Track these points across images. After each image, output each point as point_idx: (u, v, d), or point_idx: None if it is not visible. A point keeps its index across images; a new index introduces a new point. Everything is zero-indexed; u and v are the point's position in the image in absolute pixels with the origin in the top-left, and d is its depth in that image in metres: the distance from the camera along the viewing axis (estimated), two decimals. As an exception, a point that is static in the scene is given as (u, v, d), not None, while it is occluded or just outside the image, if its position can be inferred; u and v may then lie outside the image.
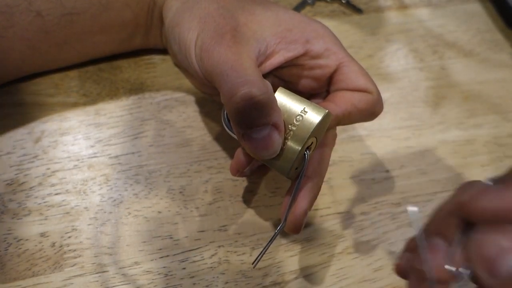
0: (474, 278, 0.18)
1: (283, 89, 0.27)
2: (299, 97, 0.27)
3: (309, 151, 0.26)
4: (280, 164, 0.26)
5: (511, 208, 0.18)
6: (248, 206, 0.33)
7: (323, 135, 0.28)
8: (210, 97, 0.35)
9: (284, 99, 0.26)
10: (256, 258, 0.27)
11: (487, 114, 0.40)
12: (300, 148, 0.25)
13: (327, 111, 0.26)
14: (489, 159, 0.37)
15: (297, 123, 0.26)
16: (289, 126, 0.26)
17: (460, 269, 0.18)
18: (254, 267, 0.28)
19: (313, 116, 0.26)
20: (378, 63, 0.41)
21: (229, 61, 0.25)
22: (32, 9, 0.30)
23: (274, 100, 0.25)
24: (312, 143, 0.27)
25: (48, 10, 0.30)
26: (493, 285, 0.17)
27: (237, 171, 0.28)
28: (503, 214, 0.18)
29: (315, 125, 0.25)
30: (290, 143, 0.26)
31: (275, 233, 0.27)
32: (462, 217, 0.19)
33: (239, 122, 0.25)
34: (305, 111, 0.26)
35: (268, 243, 0.27)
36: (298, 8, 0.43)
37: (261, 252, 0.27)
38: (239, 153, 0.28)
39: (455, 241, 0.19)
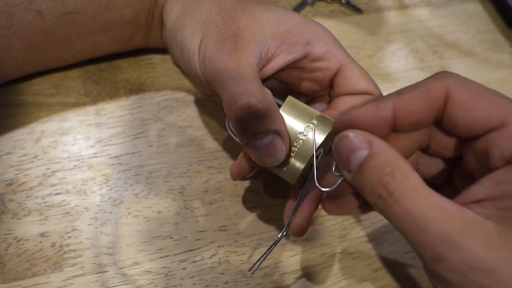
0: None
1: (293, 98, 0.27)
2: (308, 107, 0.27)
3: (316, 160, 0.26)
4: (288, 172, 0.26)
5: (351, 120, 0.22)
6: (248, 206, 0.33)
7: (331, 144, 0.28)
8: (209, 97, 0.36)
9: (293, 108, 0.27)
10: (254, 264, 0.27)
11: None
12: (308, 159, 0.26)
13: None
14: (489, 159, 0.37)
15: (306, 133, 0.26)
16: (298, 135, 0.26)
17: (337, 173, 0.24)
18: (252, 274, 0.28)
19: (322, 127, 0.26)
20: (378, 63, 0.41)
21: (229, 70, 0.26)
22: (33, 8, 0.30)
23: (274, 107, 0.26)
24: (320, 153, 0.27)
25: (49, 9, 0.30)
26: (350, 178, 0.22)
27: (238, 175, 0.28)
28: (347, 126, 0.23)
29: (324, 136, 0.26)
30: (298, 153, 0.26)
31: (277, 239, 0.27)
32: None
33: (241, 131, 0.25)
34: (314, 122, 0.26)
35: (269, 249, 0.27)
36: (298, 8, 0.43)
37: (260, 258, 0.27)
38: (241, 159, 0.28)
39: None
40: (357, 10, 0.44)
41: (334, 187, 0.24)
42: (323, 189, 0.24)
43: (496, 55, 0.43)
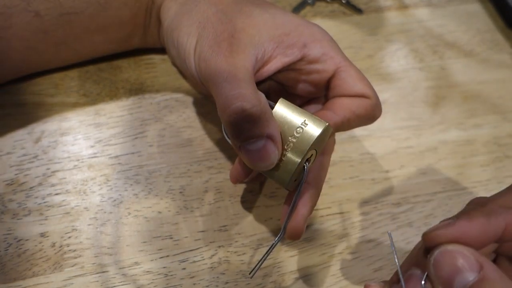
0: None
1: (284, 101, 0.27)
2: (300, 109, 0.27)
3: (308, 163, 0.26)
4: (279, 175, 0.26)
5: (457, 235, 0.21)
6: (248, 206, 0.33)
7: (323, 146, 0.28)
8: (207, 97, 0.36)
9: (284, 111, 0.26)
10: (254, 268, 0.27)
11: (487, 114, 0.40)
12: (299, 161, 0.25)
13: (327, 124, 0.26)
14: (489, 159, 0.37)
15: (297, 135, 0.26)
16: (289, 138, 0.26)
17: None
18: (251, 277, 0.28)
19: (313, 128, 0.26)
20: (378, 63, 0.41)
21: (224, 72, 0.26)
22: (31, 9, 0.30)
23: (267, 112, 0.25)
24: (311, 155, 0.27)
25: (47, 10, 0.30)
26: None
27: (237, 180, 0.28)
28: (452, 240, 0.21)
29: (315, 138, 0.25)
30: (289, 155, 0.26)
31: (274, 243, 0.27)
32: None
33: (234, 134, 0.25)
34: (305, 123, 0.26)
35: (266, 253, 0.27)
36: (298, 9, 0.43)
37: (259, 261, 0.27)
38: (237, 163, 0.28)
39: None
40: (357, 10, 0.44)
41: None
42: None
43: (496, 55, 0.43)
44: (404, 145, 0.37)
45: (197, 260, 0.31)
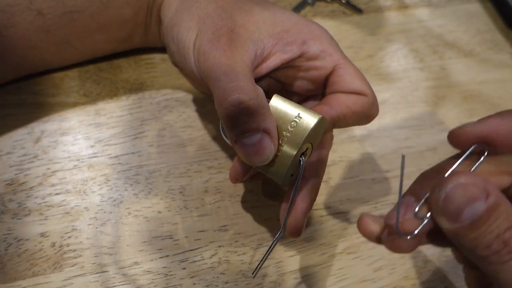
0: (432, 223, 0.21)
1: (279, 96, 0.27)
2: (294, 103, 0.27)
3: (304, 157, 0.26)
4: (275, 170, 0.26)
5: (487, 132, 0.20)
6: (248, 206, 0.33)
7: (319, 140, 0.28)
8: (207, 96, 0.36)
9: (279, 106, 0.26)
10: (256, 267, 0.27)
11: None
12: (294, 154, 0.25)
13: (321, 116, 0.26)
14: (489, 159, 0.37)
15: (291, 129, 0.26)
16: (284, 133, 0.26)
17: (422, 217, 0.21)
18: (254, 277, 0.28)
19: (307, 121, 0.25)
20: (378, 63, 0.41)
21: (222, 66, 0.26)
22: (33, 8, 0.30)
23: (265, 106, 0.25)
24: (307, 148, 0.26)
25: (49, 9, 0.30)
26: (454, 229, 0.19)
27: (236, 179, 0.28)
28: (480, 136, 0.20)
29: (309, 130, 0.25)
30: (284, 149, 0.26)
31: (274, 241, 0.26)
32: (437, 177, 0.22)
33: (230, 127, 0.25)
34: (299, 117, 0.26)
35: (267, 252, 0.27)
36: (298, 8, 0.43)
37: (261, 261, 0.27)
38: (236, 162, 0.28)
39: (423, 197, 0.22)
40: (357, 10, 0.44)
41: (414, 233, 0.21)
42: (405, 237, 0.21)
43: (496, 55, 0.43)
44: (404, 145, 0.37)
45: (197, 260, 0.31)
